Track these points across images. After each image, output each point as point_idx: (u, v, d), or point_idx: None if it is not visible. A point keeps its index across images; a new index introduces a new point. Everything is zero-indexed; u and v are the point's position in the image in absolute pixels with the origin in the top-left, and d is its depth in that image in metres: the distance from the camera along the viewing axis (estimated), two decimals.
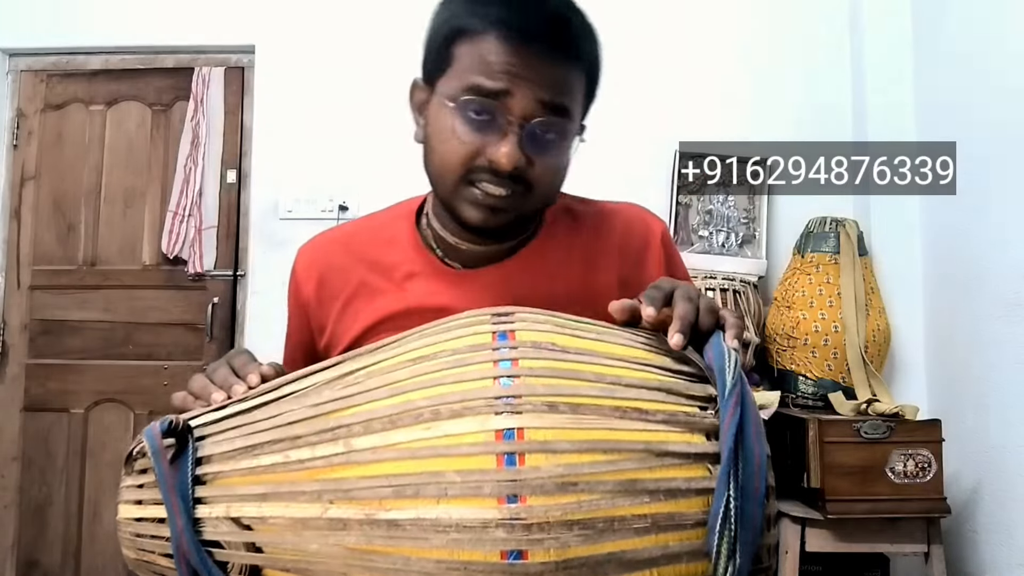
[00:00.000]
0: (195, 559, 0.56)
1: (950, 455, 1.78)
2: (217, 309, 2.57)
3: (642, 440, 0.54)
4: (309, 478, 0.56)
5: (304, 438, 0.57)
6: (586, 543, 0.51)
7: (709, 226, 2.35)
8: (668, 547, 0.52)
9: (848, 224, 2.13)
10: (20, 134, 2.69)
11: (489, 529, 0.50)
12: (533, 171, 0.73)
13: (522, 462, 0.52)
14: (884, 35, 2.32)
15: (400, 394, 0.57)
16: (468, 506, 0.51)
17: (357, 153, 2.52)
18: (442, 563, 0.51)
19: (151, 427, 0.60)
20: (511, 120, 0.71)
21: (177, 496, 0.57)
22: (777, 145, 2.39)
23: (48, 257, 2.66)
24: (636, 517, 0.51)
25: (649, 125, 2.41)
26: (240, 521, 0.57)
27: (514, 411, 0.54)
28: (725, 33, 2.49)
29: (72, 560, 2.55)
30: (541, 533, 0.50)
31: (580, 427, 0.54)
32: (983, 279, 1.89)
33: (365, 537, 0.53)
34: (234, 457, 0.59)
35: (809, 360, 2.05)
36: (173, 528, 0.57)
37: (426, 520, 0.51)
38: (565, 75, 0.74)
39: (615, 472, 0.52)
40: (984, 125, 1.91)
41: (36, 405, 2.61)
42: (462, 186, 0.74)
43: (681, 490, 0.53)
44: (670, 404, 0.56)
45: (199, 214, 2.57)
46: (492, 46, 0.71)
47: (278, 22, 2.60)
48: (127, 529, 0.62)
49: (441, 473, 0.52)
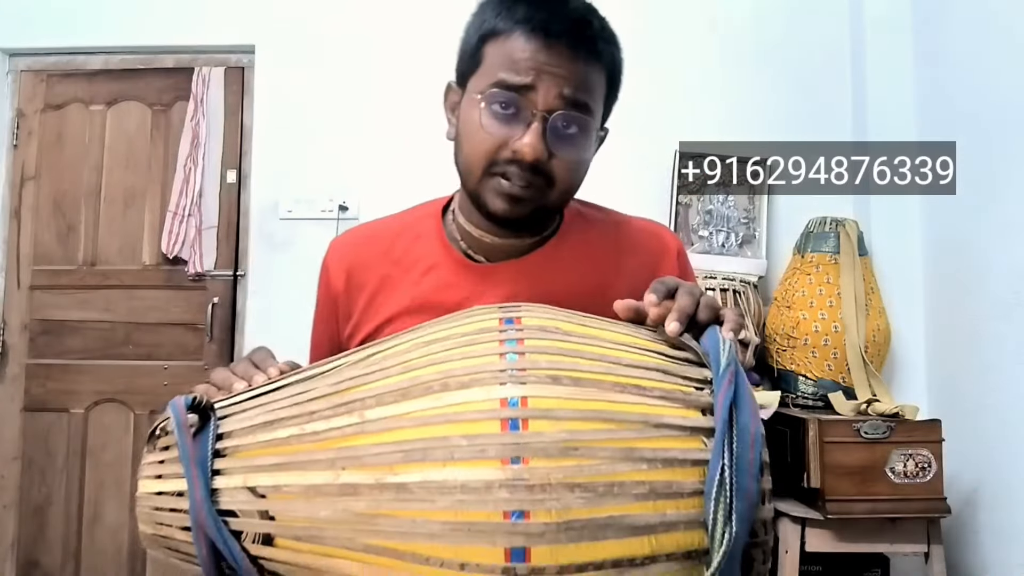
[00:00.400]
0: (211, 527, 0.57)
1: (950, 455, 1.77)
2: (217, 309, 2.57)
3: (640, 412, 0.56)
4: (323, 448, 0.58)
5: (320, 412, 0.60)
6: (587, 505, 0.52)
7: (709, 226, 2.35)
8: (666, 515, 0.53)
9: (848, 224, 2.14)
10: (20, 134, 2.69)
11: (493, 490, 0.52)
12: (554, 164, 0.77)
13: (525, 427, 0.54)
14: (884, 35, 2.31)
15: (411, 371, 0.60)
16: (473, 468, 0.53)
17: (357, 153, 2.52)
18: (447, 524, 0.52)
19: (176, 400, 0.62)
20: (534, 113, 0.75)
21: (197, 467, 0.59)
22: (777, 145, 2.39)
23: (48, 257, 2.66)
24: (635, 483, 0.53)
25: (649, 125, 2.40)
26: (255, 490, 0.58)
27: (519, 382, 0.56)
28: (725, 33, 2.49)
29: (72, 560, 2.55)
30: (543, 494, 0.52)
31: (581, 398, 0.56)
32: (983, 279, 1.89)
33: (374, 501, 0.54)
34: (252, 432, 0.61)
35: (809, 360, 2.05)
36: (192, 498, 0.58)
37: (433, 482, 0.53)
38: (587, 72, 0.77)
39: (614, 440, 0.54)
40: (984, 125, 1.91)
41: (36, 405, 2.61)
42: (487, 177, 0.78)
43: (678, 459, 0.54)
44: (667, 383, 0.59)
45: (199, 214, 2.57)
46: (518, 43, 0.76)
47: (278, 22, 2.60)
48: (146, 504, 0.63)
49: (448, 438, 0.54)
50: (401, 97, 2.51)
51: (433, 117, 2.87)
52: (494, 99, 0.76)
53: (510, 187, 0.77)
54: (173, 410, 0.61)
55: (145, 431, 2.58)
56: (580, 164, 0.81)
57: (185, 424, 0.61)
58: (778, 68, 2.45)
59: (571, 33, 0.76)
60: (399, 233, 0.91)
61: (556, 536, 0.52)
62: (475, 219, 0.86)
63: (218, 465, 0.60)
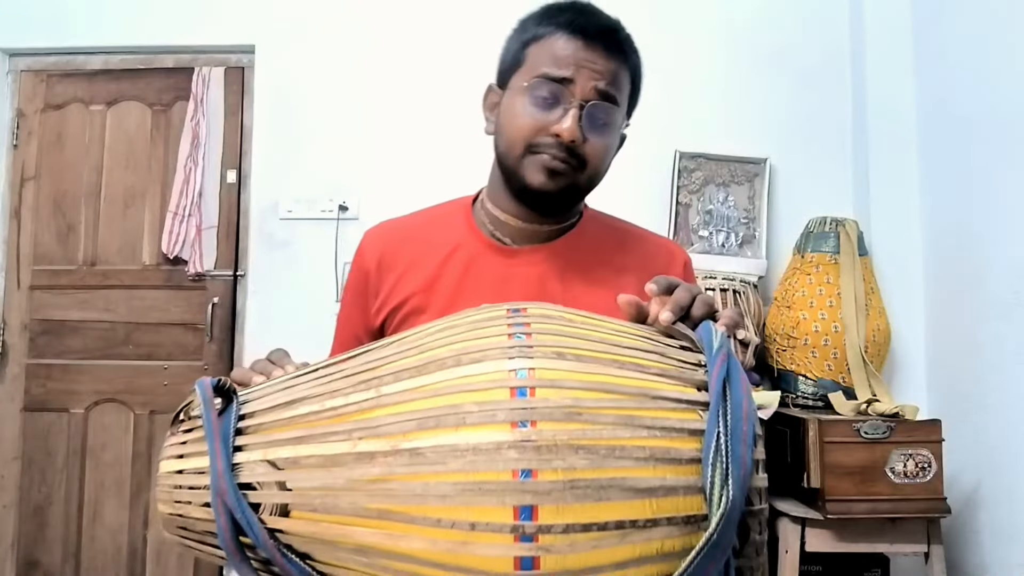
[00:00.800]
0: (231, 498, 0.60)
1: (950, 455, 1.77)
2: (217, 309, 2.57)
3: (639, 386, 0.60)
4: (341, 421, 0.61)
5: (339, 391, 0.63)
6: (591, 466, 0.55)
7: (709, 226, 2.36)
8: (666, 479, 0.56)
9: (848, 224, 2.14)
10: (20, 134, 2.69)
11: (502, 450, 0.55)
12: (586, 148, 0.88)
13: (532, 394, 0.58)
14: (884, 35, 2.31)
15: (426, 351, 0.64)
16: (484, 431, 0.56)
17: (357, 153, 2.53)
18: (458, 484, 0.55)
19: (202, 380, 0.67)
20: (572, 101, 0.87)
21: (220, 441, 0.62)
22: (777, 145, 2.39)
23: (48, 257, 2.66)
24: (636, 448, 0.56)
25: (650, 125, 2.40)
26: (274, 463, 0.61)
27: (526, 356, 0.60)
28: (726, 33, 2.49)
29: (72, 560, 2.55)
30: (550, 455, 0.55)
31: (584, 372, 0.60)
32: (983, 279, 1.89)
33: (388, 467, 0.57)
34: (273, 411, 0.65)
35: (809, 360, 2.05)
36: (213, 468, 0.61)
37: (445, 446, 0.56)
38: (617, 71, 0.89)
39: (616, 408, 0.58)
40: (985, 125, 1.91)
41: (36, 405, 2.61)
42: (528, 154, 0.89)
43: (675, 428, 0.58)
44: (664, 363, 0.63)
45: (199, 214, 2.57)
46: (560, 43, 0.88)
47: (278, 22, 2.60)
48: (166, 483, 0.66)
49: (460, 406, 0.58)
50: (401, 97, 2.51)
51: (433, 117, 2.88)
52: (538, 88, 0.87)
53: (549, 161, 0.87)
54: (200, 387, 0.66)
55: (145, 431, 2.59)
56: (607, 151, 0.91)
57: (211, 399, 0.65)
58: (778, 68, 2.45)
59: (606, 36, 0.89)
60: (429, 222, 1.01)
61: (562, 495, 0.54)
62: (503, 204, 0.95)
63: (239, 442, 0.63)
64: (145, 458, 2.57)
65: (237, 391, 0.68)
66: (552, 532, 0.54)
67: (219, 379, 0.67)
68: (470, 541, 0.55)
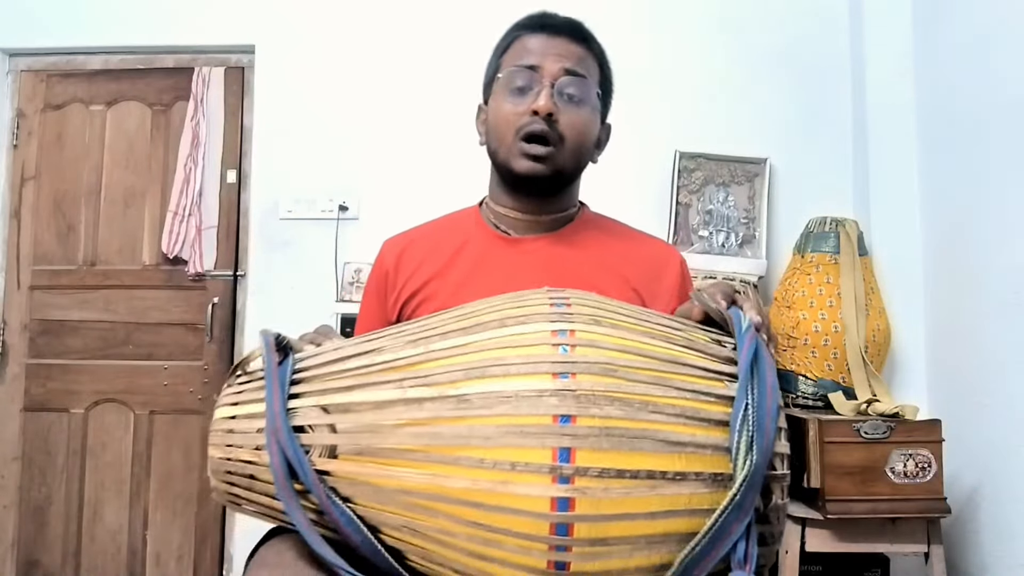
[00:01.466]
0: (284, 437, 0.63)
1: (950, 455, 1.77)
2: (217, 309, 2.57)
3: (670, 354, 0.64)
4: (391, 372, 0.65)
5: (390, 348, 0.69)
6: (626, 416, 0.59)
7: (709, 226, 2.35)
8: (695, 436, 0.60)
9: (848, 224, 2.13)
10: (20, 134, 2.69)
11: (544, 397, 0.59)
12: (563, 120, 0.95)
13: (573, 351, 0.62)
14: (884, 35, 2.31)
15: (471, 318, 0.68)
16: (527, 380, 0.60)
17: (357, 153, 2.53)
18: (501, 427, 0.59)
19: (266, 330, 0.72)
20: (543, 82, 0.96)
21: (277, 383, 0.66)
22: (777, 145, 2.39)
23: (48, 257, 2.66)
24: (667, 405, 0.61)
25: (650, 125, 2.40)
26: (327, 408, 0.65)
27: (567, 320, 0.65)
28: (727, 32, 2.48)
29: (72, 560, 2.55)
30: (588, 403, 0.59)
31: (620, 337, 0.64)
32: (983, 279, 1.89)
33: (435, 411, 0.61)
34: (327, 364, 0.69)
35: (809, 360, 2.05)
36: (270, 410, 0.65)
37: (490, 392, 0.60)
38: (580, 53, 0.99)
39: (649, 369, 0.62)
40: (984, 124, 1.91)
41: (36, 405, 2.61)
42: (514, 142, 0.96)
43: (703, 392, 0.62)
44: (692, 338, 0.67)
45: (199, 214, 2.57)
46: (526, 41, 0.99)
47: (278, 22, 2.60)
48: (219, 427, 0.69)
49: (505, 358, 0.62)
50: (401, 97, 2.51)
51: (434, 117, 2.88)
52: (512, 79, 0.97)
53: (532, 147, 0.95)
54: (264, 336, 0.71)
55: (145, 431, 2.59)
56: (584, 125, 0.98)
57: (272, 347, 0.69)
58: (778, 68, 2.45)
59: (566, 27, 1.00)
60: (442, 226, 1.10)
61: (598, 440, 0.58)
62: (503, 200, 1.04)
63: (294, 390, 0.67)
64: (145, 458, 2.58)
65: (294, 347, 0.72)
66: (588, 475, 0.57)
67: (278, 334, 0.71)
68: (510, 480, 0.58)
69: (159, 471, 2.57)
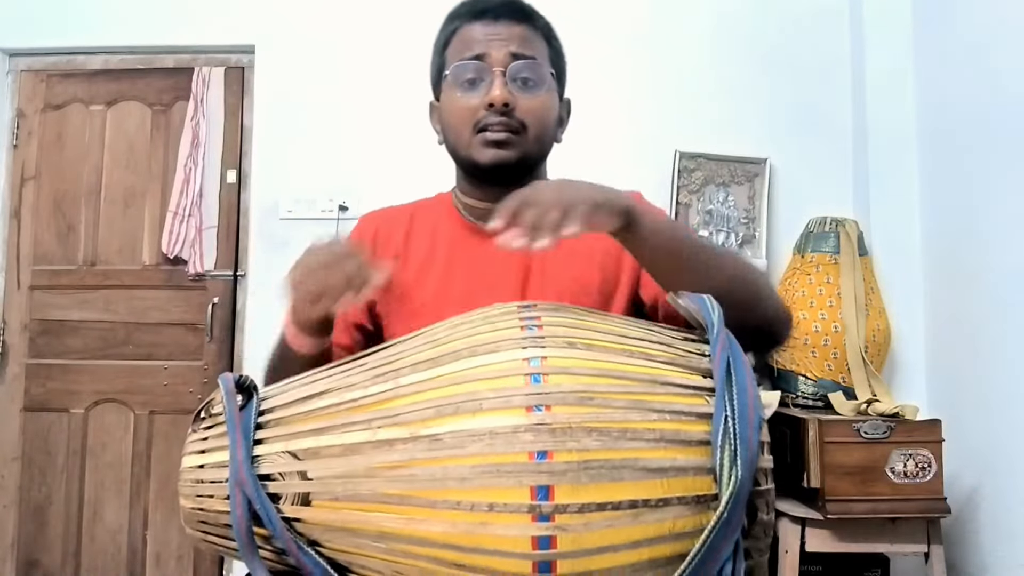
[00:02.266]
0: (250, 488, 0.61)
1: (950, 455, 1.77)
2: (217, 309, 2.57)
3: (648, 373, 0.62)
4: (360, 412, 0.63)
5: (358, 384, 0.65)
6: (604, 447, 0.57)
7: (709, 226, 2.35)
8: (676, 460, 0.58)
9: (848, 224, 2.13)
10: (20, 134, 2.69)
11: (519, 433, 0.57)
12: (521, 107, 0.92)
13: (546, 381, 0.60)
14: (884, 35, 2.31)
15: (440, 345, 0.66)
16: (500, 416, 0.58)
17: (357, 153, 2.52)
18: (477, 467, 0.57)
19: (225, 375, 0.69)
20: (493, 71, 0.92)
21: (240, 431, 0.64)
22: (777, 145, 2.39)
23: (48, 257, 2.65)
24: (646, 430, 0.58)
25: (649, 125, 2.41)
26: (295, 454, 0.63)
27: (539, 346, 0.63)
28: (727, 32, 2.48)
29: (72, 560, 2.55)
30: (564, 436, 0.57)
31: (595, 360, 0.62)
32: (983, 279, 1.89)
33: (408, 453, 0.59)
34: (293, 405, 0.67)
35: (809, 360, 2.05)
36: (233, 458, 0.62)
37: (463, 431, 0.58)
38: (526, 34, 0.95)
39: (626, 393, 0.60)
40: (985, 125, 1.91)
41: (36, 405, 2.61)
42: (473, 136, 0.93)
43: (684, 412, 0.60)
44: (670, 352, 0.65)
45: (199, 214, 2.57)
46: (466, 30, 0.95)
47: (278, 22, 2.60)
48: (188, 477, 0.67)
49: (476, 392, 0.60)
50: (401, 97, 2.50)
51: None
52: (459, 73, 0.93)
53: (493, 135, 0.91)
54: (222, 381, 0.68)
55: (145, 431, 2.59)
56: (543, 108, 0.95)
57: (232, 392, 0.66)
58: (778, 68, 2.45)
59: (507, 10, 0.95)
60: (418, 208, 1.07)
61: (577, 475, 0.56)
62: (468, 191, 1.01)
63: (259, 435, 0.64)
64: (145, 458, 2.57)
65: (257, 387, 0.70)
66: (568, 511, 0.55)
67: (240, 376, 0.68)
68: (489, 522, 0.56)
69: (159, 471, 2.56)
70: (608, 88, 2.36)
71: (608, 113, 2.32)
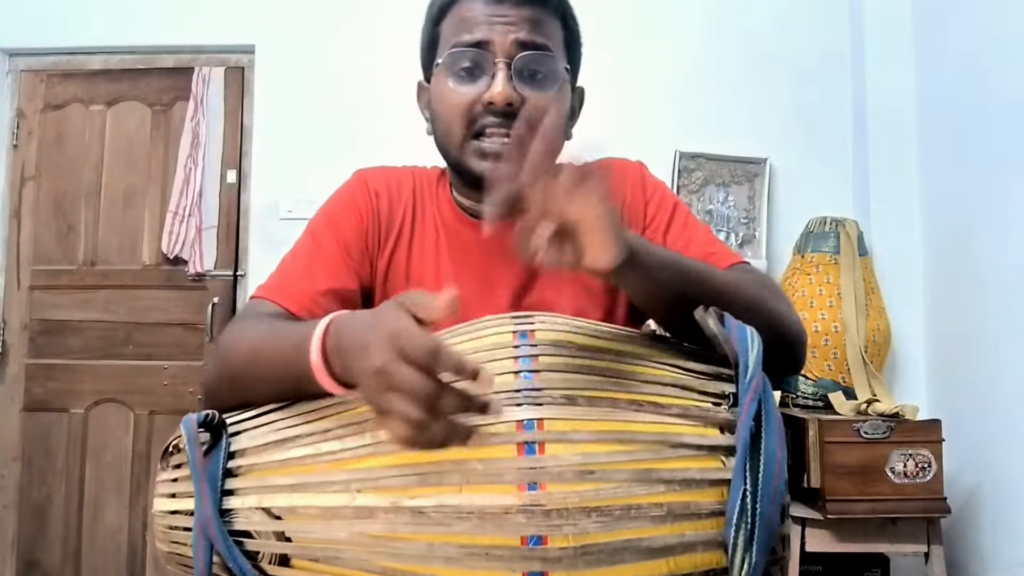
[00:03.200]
0: (221, 545, 0.57)
1: (950, 455, 1.77)
2: (217, 309, 2.57)
3: (657, 432, 0.56)
4: (338, 468, 0.57)
5: (333, 431, 0.59)
6: (604, 529, 0.52)
7: (709, 226, 2.35)
8: (684, 536, 0.53)
9: (848, 224, 2.13)
10: (20, 134, 2.69)
11: (510, 515, 0.52)
12: (528, 108, 0.76)
13: (542, 451, 0.54)
14: (884, 35, 2.31)
15: None
16: (489, 493, 0.53)
17: (357, 153, 2.51)
18: (464, 548, 0.52)
19: (188, 417, 0.61)
20: (496, 62, 0.77)
21: (207, 483, 0.58)
22: (777, 145, 2.39)
23: (48, 257, 2.65)
24: (652, 505, 0.53)
25: (649, 125, 2.41)
26: (271, 511, 0.58)
27: (534, 403, 0.55)
28: (727, 32, 2.48)
29: (72, 560, 2.55)
30: (560, 519, 0.52)
31: (597, 419, 0.55)
32: (983, 279, 1.89)
33: (390, 525, 0.54)
34: (266, 450, 0.61)
35: (809, 360, 2.05)
36: (199, 513, 0.58)
37: (448, 507, 0.53)
38: (538, 17, 0.79)
39: (631, 462, 0.54)
40: (985, 125, 1.91)
41: (36, 405, 2.61)
42: (467, 141, 0.79)
43: (696, 480, 0.54)
44: (685, 399, 0.58)
45: (199, 214, 2.57)
46: (466, 6, 0.79)
47: (278, 22, 2.60)
48: (161, 522, 0.63)
49: (464, 461, 0.53)
50: (402, 96, 2.50)
51: None
52: (455, 61, 0.78)
53: (490, 144, 0.77)
54: (185, 426, 0.61)
55: (145, 431, 2.58)
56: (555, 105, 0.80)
57: (196, 440, 0.60)
58: (778, 67, 2.45)
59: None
60: (422, 187, 0.91)
61: (573, 561, 0.52)
62: (463, 191, 0.86)
63: (231, 485, 0.60)
64: (145, 458, 2.57)
65: (226, 425, 0.63)
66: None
67: (207, 414, 0.62)
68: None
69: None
70: (608, 88, 2.35)
71: (608, 113, 2.32)
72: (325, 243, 0.87)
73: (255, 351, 0.68)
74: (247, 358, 0.68)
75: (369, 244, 0.86)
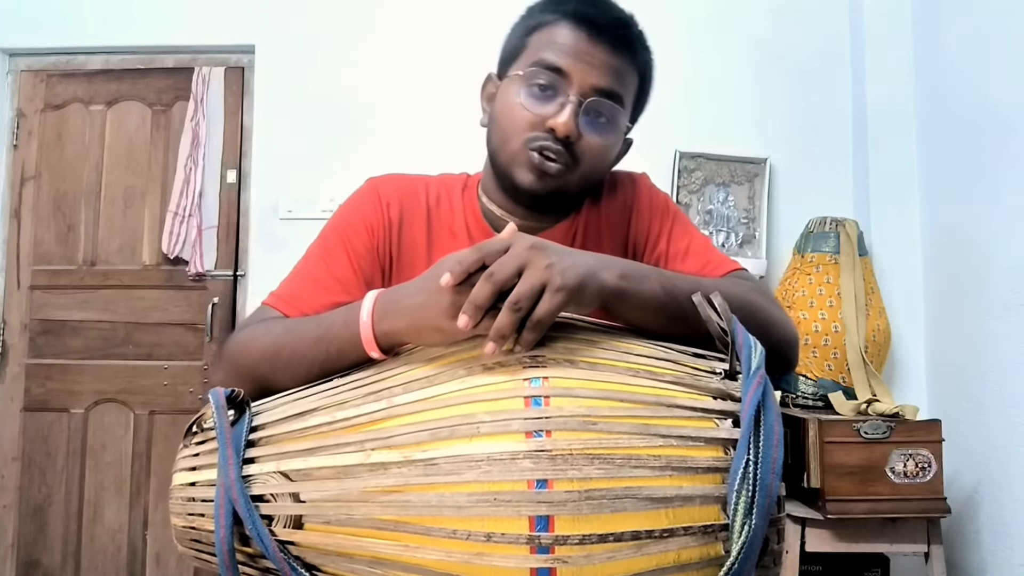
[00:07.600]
0: (242, 508, 0.59)
1: (950, 455, 1.77)
2: (217, 309, 2.57)
3: (653, 394, 0.59)
4: (353, 432, 0.60)
5: (350, 402, 0.63)
6: (606, 476, 0.55)
7: (709, 226, 2.35)
8: (682, 489, 0.56)
9: (848, 224, 2.13)
10: (20, 134, 2.69)
11: (517, 460, 0.54)
12: (582, 145, 0.82)
13: (547, 404, 0.57)
14: (884, 35, 2.31)
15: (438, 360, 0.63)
16: (498, 441, 0.56)
17: (357, 153, 2.52)
18: (473, 495, 0.55)
19: (215, 390, 0.65)
20: (570, 95, 0.81)
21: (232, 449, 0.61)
22: (777, 145, 2.39)
23: (48, 257, 2.66)
24: (651, 457, 0.56)
25: (649, 125, 2.40)
26: (288, 475, 0.61)
27: (539, 364, 0.60)
28: (727, 32, 2.49)
29: (72, 560, 2.55)
30: (565, 464, 0.54)
31: (598, 380, 0.59)
32: (983, 279, 1.89)
33: (402, 478, 0.57)
34: (285, 422, 0.64)
35: (809, 360, 2.05)
36: (224, 476, 0.60)
37: (459, 456, 0.56)
38: (621, 67, 0.84)
39: (631, 416, 0.57)
40: (984, 124, 1.91)
41: (36, 405, 2.61)
42: (522, 151, 0.83)
43: (691, 437, 0.57)
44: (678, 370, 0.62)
45: (199, 214, 2.57)
46: (562, 31, 0.83)
47: (278, 22, 2.60)
48: (179, 495, 0.65)
49: (473, 415, 0.57)
50: (402, 96, 2.51)
51: (434, 116, 2.87)
52: (534, 77, 0.82)
53: (541, 162, 0.82)
54: (213, 396, 0.65)
55: (145, 431, 2.59)
56: (605, 151, 0.86)
57: (223, 407, 0.64)
58: (778, 68, 2.45)
59: (613, 30, 0.83)
60: (438, 196, 0.94)
61: (578, 506, 0.54)
62: (497, 199, 0.90)
63: (251, 454, 0.62)
64: (145, 458, 2.57)
65: (250, 403, 0.67)
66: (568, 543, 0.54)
67: (232, 390, 0.66)
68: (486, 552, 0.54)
69: (159, 471, 2.57)
70: None
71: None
72: (336, 254, 0.88)
73: (277, 345, 0.73)
74: (267, 354, 0.73)
75: (380, 254, 0.89)
